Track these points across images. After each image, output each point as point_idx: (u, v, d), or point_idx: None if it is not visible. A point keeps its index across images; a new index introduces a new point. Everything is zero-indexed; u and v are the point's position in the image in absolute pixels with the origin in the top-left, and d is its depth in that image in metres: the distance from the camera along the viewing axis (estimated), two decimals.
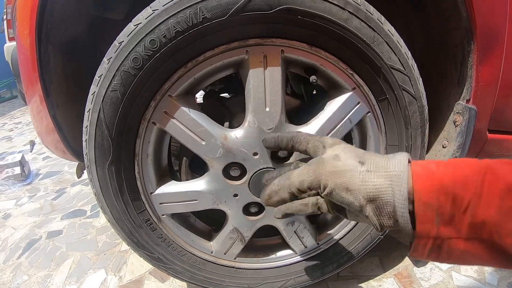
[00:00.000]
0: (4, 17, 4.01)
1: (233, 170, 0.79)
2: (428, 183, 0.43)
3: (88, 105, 0.72)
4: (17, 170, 2.31)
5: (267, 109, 0.74)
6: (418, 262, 1.17)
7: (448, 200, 0.41)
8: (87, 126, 0.73)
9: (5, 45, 4.10)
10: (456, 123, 0.88)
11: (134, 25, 0.65)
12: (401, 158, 0.47)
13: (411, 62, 0.76)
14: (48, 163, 2.66)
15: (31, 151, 3.03)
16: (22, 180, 2.33)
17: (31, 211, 1.92)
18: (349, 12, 0.67)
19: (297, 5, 0.64)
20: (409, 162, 0.47)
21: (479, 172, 0.41)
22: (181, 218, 0.94)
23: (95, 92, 0.70)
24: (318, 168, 0.53)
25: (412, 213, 0.44)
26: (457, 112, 0.88)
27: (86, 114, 0.73)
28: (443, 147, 0.93)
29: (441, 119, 0.95)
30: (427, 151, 0.98)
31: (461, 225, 0.41)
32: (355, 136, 0.91)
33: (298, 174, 0.55)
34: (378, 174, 0.47)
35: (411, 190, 0.44)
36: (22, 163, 2.35)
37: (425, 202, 0.42)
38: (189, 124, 0.74)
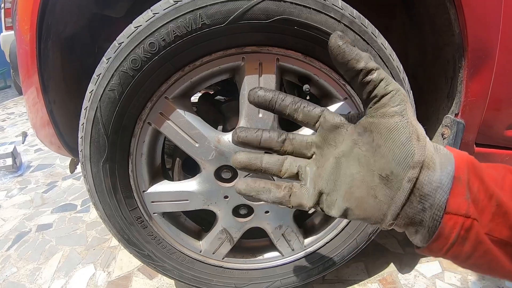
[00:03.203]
0: (2, 5, 3.97)
1: (225, 172, 0.81)
2: (463, 160, 0.41)
3: (86, 103, 0.73)
4: (9, 161, 2.30)
5: (260, 115, 0.76)
6: (403, 269, 1.20)
7: (476, 181, 0.40)
8: (83, 123, 0.74)
9: (1, 34, 4.07)
10: (444, 135, 0.90)
11: (135, 27, 0.66)
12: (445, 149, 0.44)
13: (402, 75, 0.78)
14: (40, 155, 2.65)
15: (23, 143, 3.02)
16: (13, 171, 2.32)
17: (22, 203, 1.91)
18: (344, 24, 0.69)
19: (294, 16, 0.66)
20: None
21: (500, 171, 0.42)
22: (172, 217, 0.96)
23: (93, 90, 0.71)
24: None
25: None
26: (445, 125, 0.90)
27: (83, 111, 0.74)
28: None
29: (430, 131, 0.98)
30: None
31: (485, 210, 0.39)
32: None
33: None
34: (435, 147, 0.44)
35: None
36: (14, 154, 2.34)
37: (457, 177, 0.40)
38: (184, 126, 0.76)
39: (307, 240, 0.99)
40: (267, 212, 0.88)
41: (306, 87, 0.79)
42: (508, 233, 0.39)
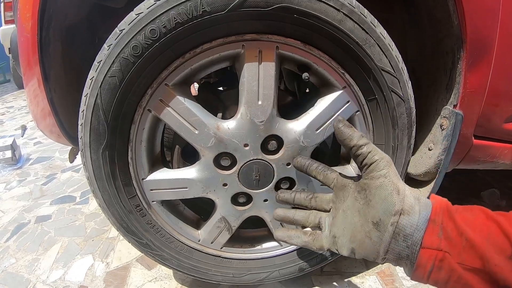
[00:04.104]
0: None
1: (224, 160, 0.81)
2: (439, 207, 0.54)
3: (86, 90, 0.73)
4: (8, 154, 2.30)
5: (260, 102, 0.76)
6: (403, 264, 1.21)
7: (450, 222, 0.52)
8: (83, 110, 0.75)
9: (1, 28, 4.06)
10: (443, 126, 0.91)
11: (136, 14, 0.67)
12: (427, 201, 0.57)
13: (401, 65, 0.79)
14: (39, 148, 2.65)
15: (22, 136, 3.02)
16: (12, 164, 2.33)
17: (21, 195, 1.92)
18: (344, 13, 0.70)
19: (294, 4, 0.67)
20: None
21: (475, 212, 0.53)
22: (171, 206, 0.96)
23: (93, 77, 0.71)
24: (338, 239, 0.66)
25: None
26: (444, 116, 0.91)
27: (83, 98, 0.74)
28: (429, 149, 0.96)
29: (429, 122, 0.98)
30: (414, 153, 1.01)
31: (457, 245, 0.50)
32: None
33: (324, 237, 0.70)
34: (414, 196, 0.59)
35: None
36: (13, 147, 2.34)
37: (433, 220, 0.53)
38: (184, 113, 0.77)
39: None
40: (265, 200, 0.89)
41: (305, 75, 0.80)
42: (479, 262, 0.48)
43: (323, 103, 0.82)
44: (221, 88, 1.14)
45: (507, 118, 0.97)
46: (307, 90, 1.01)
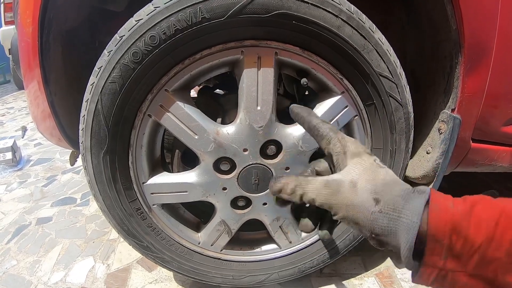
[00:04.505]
0: (2, 0, 3.97)
1: (223, 164, 0.82)
2: (442, 222, 0.45)
3: (87, 95, 0.74)
4: (8, 155, 2.31)
5: (259, 107, 0.77)
6: (399, 264, 1.21)
7: (459, 240, 0.44)
8: (84, 115, 0.75)
9: (1, 28, 4.07)
10: (441, 130, 0.91)
11: (136, 21, 0.67)
12: (418, 204, 0.47)
13: (399, 70, 0.80)
14: (39, 149, 2.66)
15: (22, 137, 3.03)
16: (13, 165, 2.33)
17: (21, 197, 1.93)
18: (342, 19, 0.71)
19: (292, 11, 0.68)
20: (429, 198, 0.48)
21: (494, 215, 0.44)
22: (171, 209, 0.97)
23: (94, 83, 0.72)
24: (333, 195, 0.53)
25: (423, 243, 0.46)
26: (442, 120, 0.91)
27: (84, 104, 0.75)
28: (427, 153, 0.97)
29: (427, 126, 0.99)
30: (412, 156, 1.02)
31: (468, 263, 0.44)
32: None
33: (314, 189, 0.55)
34: (390, 217, 0.48)
35: (425, 226, 0.45)
36: (13, 148, 2.35)
37: (437, 240, 0.45)
38: (183, 118, 0.77)
39: (305, 233, 1.01)
40: (265, 204, 0.89)
41: (304, 80, 0.81)
42: (492, 275, 0.43)
43: (321, 108, 0.83)
44: (221, 92, 1.15)
45: (506, 122, 0.97)
46: (306, 93, 1.02)
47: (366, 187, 0.51)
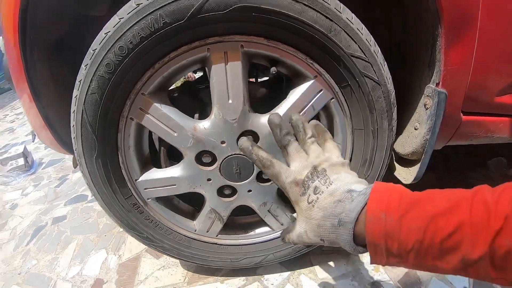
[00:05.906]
0: None
1: (205, 157, 0.87)
2: (376, 232, 0.54)
3: (73, 107, 0.80)
4: (21, 161, 2.41)
5: (230, 101, 0.80)
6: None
7: (394, 243, 0.53)
8: (73, 125, 0.81)
9: (1, 37, 4.12)
10: (427, 106, 0.88)
11: (104, 33, 0.71)
12: (347, 235, 0.58)
13: (374, 48, 0.77)
14: (50, 151, 2.75)
15: (33, 141, 3.08)
16: (26, 170, 2.44)
17: (37, 199, 2.04)
18: (304, 4, 0.69)
19: (250, 2, 0.68)
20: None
21: (424, 223, 0.51)
22: (166, 201, 1.04)
23: (77, 95, 0.77)
24: (303, 215, 0.68)
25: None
26: (427, 95, 0.88)
27: (72, 114, 0.81)
28: (415, 129, 0.94)
29: (414, 101, 0.96)
30: (401, 133, 1.00)
31: (407, 259, 0.53)
32: (323, 120, 0.95)
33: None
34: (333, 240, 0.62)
35: (363, 232, 0.56)
36: (25, 154, 2.45)
37: (376, 244, 0.54)
38: (162, 118, 0.82)
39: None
40: (249, 191, 0.95)
41: (273, 69, 0.83)
42: (432, 262, 0.51)
43: (295, 94, 0.83)
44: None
45: (499, 91, 0.92)
46: (284, 80, 1.04)
47: (312, 237, 0.66)
